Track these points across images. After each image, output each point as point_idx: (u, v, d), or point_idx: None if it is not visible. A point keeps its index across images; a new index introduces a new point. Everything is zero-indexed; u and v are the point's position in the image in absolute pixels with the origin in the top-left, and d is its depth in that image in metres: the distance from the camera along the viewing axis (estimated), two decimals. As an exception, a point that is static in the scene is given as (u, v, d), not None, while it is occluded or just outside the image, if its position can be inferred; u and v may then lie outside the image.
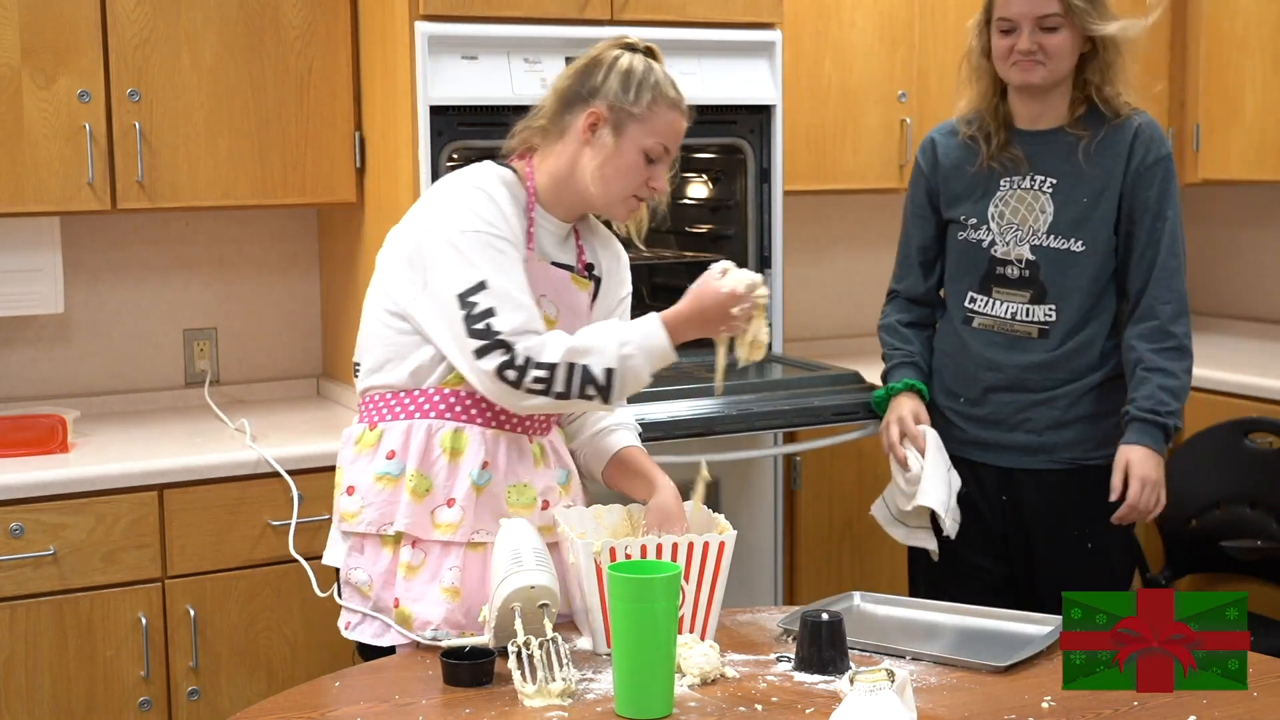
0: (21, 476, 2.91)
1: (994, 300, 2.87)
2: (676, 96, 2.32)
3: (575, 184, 2.32)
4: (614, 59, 2.31)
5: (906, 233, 3.04)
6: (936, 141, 2.97)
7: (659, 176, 2.33)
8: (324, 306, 3.77)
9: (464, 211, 2.24)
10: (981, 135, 2.87)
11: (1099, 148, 2.80)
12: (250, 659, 3.10)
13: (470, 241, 2.21)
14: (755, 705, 1.96)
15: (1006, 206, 2.84)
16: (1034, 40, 2.72)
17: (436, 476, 2.28)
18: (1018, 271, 2.83)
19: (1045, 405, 2.84)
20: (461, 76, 3.17)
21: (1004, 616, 2.35)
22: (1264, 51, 4.06)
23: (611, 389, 2.20)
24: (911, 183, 3.03)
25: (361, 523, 2.30)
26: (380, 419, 2.33)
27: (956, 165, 2.92)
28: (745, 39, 3.48)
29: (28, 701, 2.92)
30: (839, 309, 4.43)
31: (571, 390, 2.19)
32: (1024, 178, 2.83)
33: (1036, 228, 2.81)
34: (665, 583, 1.90)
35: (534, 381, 2.18)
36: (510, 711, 1.94)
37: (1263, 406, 3.74)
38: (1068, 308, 2.82)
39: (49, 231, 3.32)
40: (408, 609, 2.26)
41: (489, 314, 2.18)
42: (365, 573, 2.31)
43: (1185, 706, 1.96)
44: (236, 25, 3.28)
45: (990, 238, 2.86)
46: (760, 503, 3.53)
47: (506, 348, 2.17)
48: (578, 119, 2.30)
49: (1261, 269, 4.61)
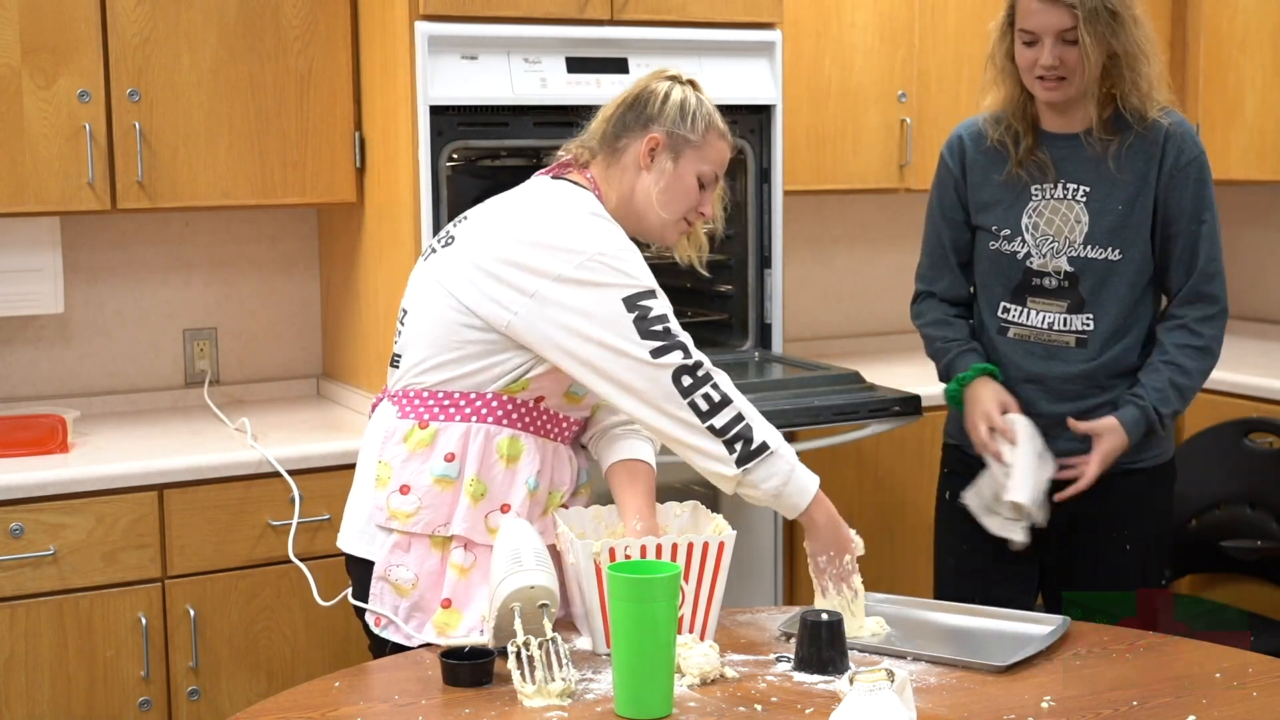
0: (21, 476, 2.90)
1: (1029, 310, 2.80)
2: (724, 127, 2.41)
3: (634, 208, 2.37)
4: (668, 90, 2.37)
5: (936, 233, 2.94)
6: (965, 143, 2.89)
7: (708, 202, 2.40)
8: (324, 306, 3.77)
9: (606, 232, 2.27)
10: (1010, 137, 2.80)
11: (1129, 153, 2.73)
12: (250, 659, 3.10)
13: (628, 258, 2.25)
14: (755, 705, 1.96)
15: (1040, 217, 2.77)
16: (1055, 54, 2.65)
17: (493, 481, 2.29)
18: (1055, 282, 2.77)
19: (1088, 414, 2.77)
20: (461, 76, 3.17)
21: (1004, 616, 2.35)
22: (1264, 51, 4.06)
23: (750, 461, 2.21)
24: (939, 182, 2.94)
25: (417, 523, 2.30)
26: (433, 418, 2.31)
27: (984, 170, 2.85)
28: (745, 39, 3.48)
29: (28, 701, 2.92)
30: (839, 309, 4.43)
31: (724, 432, 2.20)
32: (1055, 185, 2.77)
33: (1073, 239, 2.75)
34: (665, 583, 1.91)
35: (703, 398, 2.20)
36: (510, 711, 1.94)
37: (1263, 406, 3.74)
38: (1105, 316, 2.76)
39: (49, 231, 3.32)
40: (459, 611, 2.27)
41: (664, 319, 2.22)
42: (411, 571, 2.30)
43: (1185, 706, 1.96)
44: (236, 25, 3.28)
45: (1025, 249, 2.79)
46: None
47: (686, 351, 2.21)
48: (635, 144, 2.35)
49: (1261, 269, 4.61)
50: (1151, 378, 2.74)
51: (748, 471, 2.21)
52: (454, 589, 2.28)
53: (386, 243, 3.33)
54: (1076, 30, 2.63)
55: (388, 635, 2.32)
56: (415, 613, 2.30)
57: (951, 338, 2.91)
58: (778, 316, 3.61)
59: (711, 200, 2.41)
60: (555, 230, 2.26)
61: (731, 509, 3.40)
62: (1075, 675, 2.09)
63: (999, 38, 2.78)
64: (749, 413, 2.23)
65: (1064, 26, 2.64)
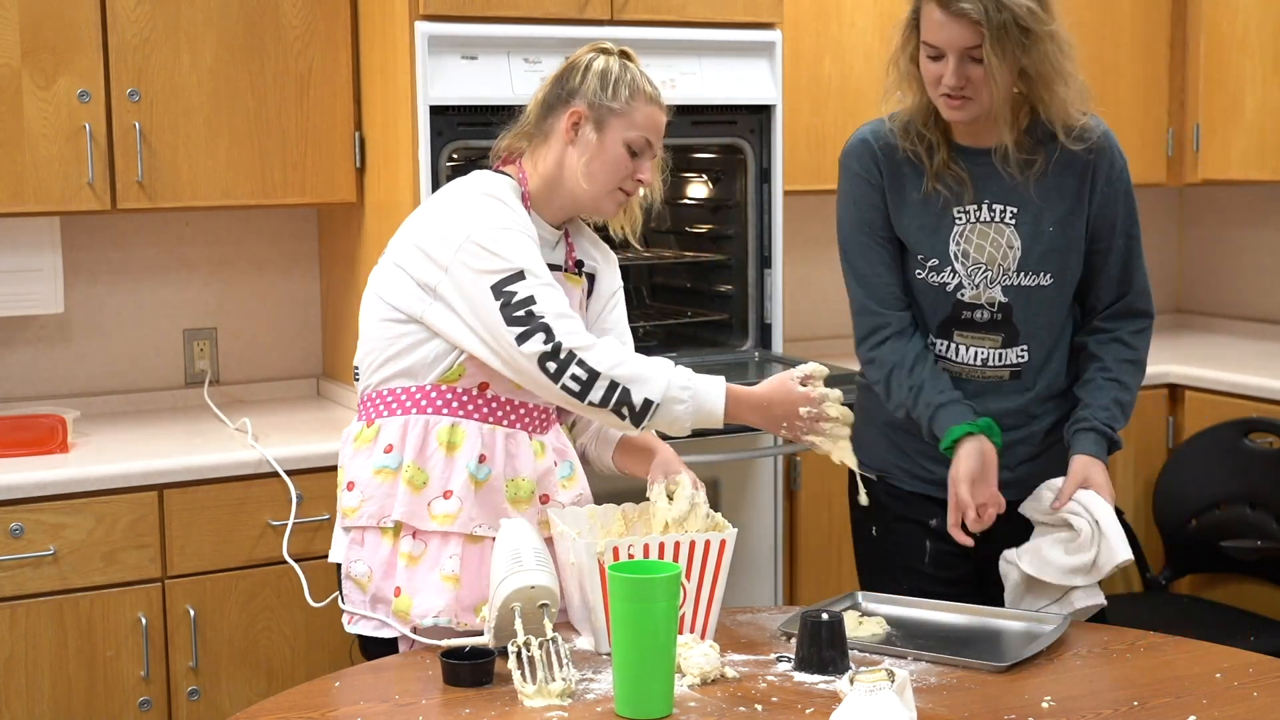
0: (21, 476, 2.90)
1: (957, 345, 2.56)
2: (654, 91, 2.38)
3: (564, 184, 2.37)
4: (589, 61, 2.38)
5: (870, 259, 2.59)
6: (878, 153, 2.56)
7: (644, 170, 2.38)
8: (324, 306, 3.77)
9: (485, 213, 2.29)
10: (923, 148, 2.52)
11: (1056, 167, 2.50)
12: (250, 659, 3.10)
13: (500, 237, 2.26)
14: (755, 705, 1.96)
15: (969, 244, 2.51)
16: (961, 74, 2.38)
17: (433, 469, 2.32)
18: (988, 315, 2.53)
19: (1021, 444, 2.58)
20: (461, 76, 3.17)
21: (1004, 616, 2.35)
22: (1264, 51, 4.06)
23: (644, 419, 2.23)
24: (858, 199, 2.59)
25: (362, 516, 2.34)
26: (378, 415, 2.37)
27: (900, 187, 2.55)
28: (745, 39, 3.48)
29: (28, 701, 2.92)
30: (839, 309, 4.39)
31: (605, 404, 2.22)
32: (979, 207, 2.51)
33: (1006, 266, 2.51)
34: (665, 583, 1.91)
35: (571, 379, 2.21)
36: (510, 711, 1.94)
37: (1263, 406, 3.74)
38: (1039, 346, 2.56)
39: (49, 231, 3.32)
40: (409, 598, 2.29)
41: (529, 301, 2.22)
42: (365, 565, 2.35)
43: (1185, 706, 1.96)
44: (236, 25, 3.28)
45: (956, 280, 2.53)
46: (760, 503, 3.53)
47: (548, 334, 2.21)
48: (560, 121, 2.36)
49: (1261, 269, 4.61)
50: (1096, 395, 2.55)
51: (648, 427, 2.25)
52: (403, 577, 2.31)
53: (386, 243, 3.32)
54: (982, 49, 2.36)
55: (359, 630, 2.37)
56: (378, 604, 2.34)
57: (940, 388, 2.53)
58: (778, 316, 3.61)
59: (649, 167, 2.39)
60: (441, 216, 2.33)
61: (732, 509, 3.41)
62: (1075, 675, 2.09)
63: (902, 41, 2.50)
64: (623, 373, 2.21)
65: (968, 44, 2.37)
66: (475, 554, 2.31)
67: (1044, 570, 2.46)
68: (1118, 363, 2.58)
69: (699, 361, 3.41)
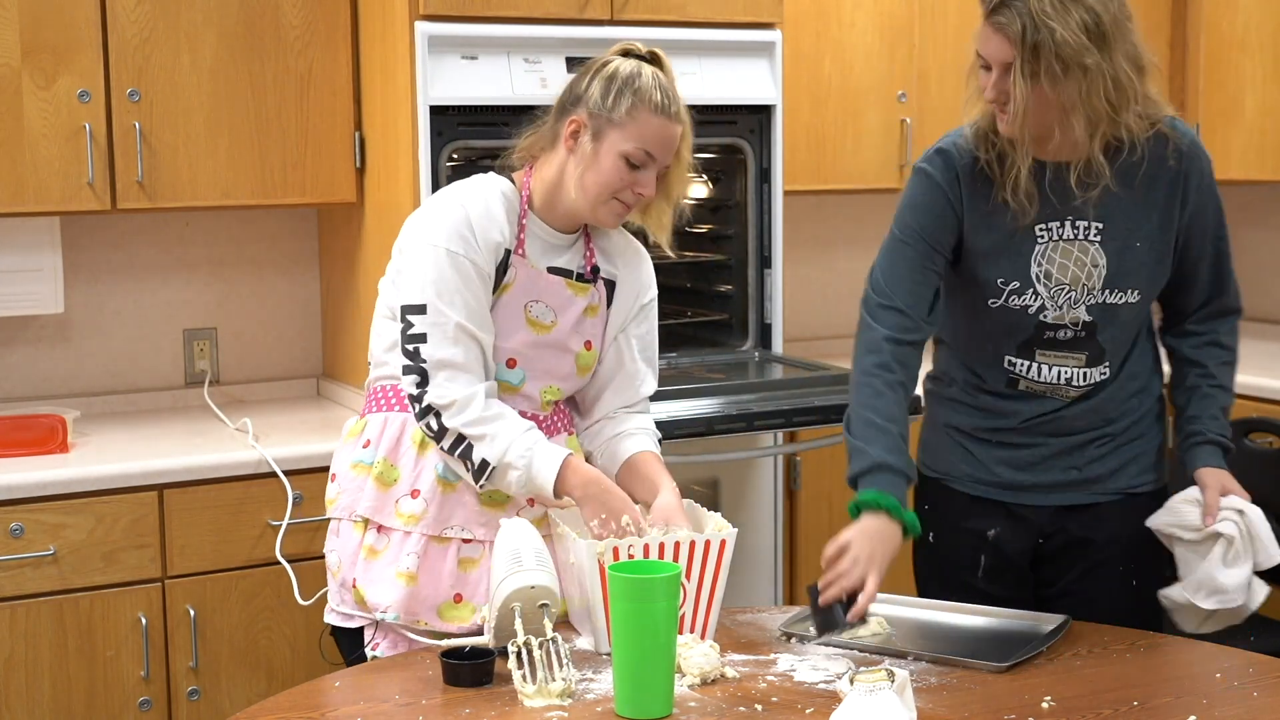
0: (21, 476, 2.91)
1: (1039, 365, 2.45)
2: (663, 102, 2.26)
3: (562, 191, 2.32)
4: (602, 65, 2.31)
5: (912, 255, 2.44)
6: (960, 171, 2.42)
7: (645, 183, 2.29)
8: (324, 306, 3.77)
9: (438, 225, 2.28)
10: (995, 156, 2.39)
11: (1143, 179, 2.38)
12: (250, 659, 3.10)
13: (432, 257, 2.26)
14: (755, 705, 1.96)
15: (1052, 265, 2.38)
16: (1000, 88, 2.29)
17: (404, 468, 2.34)
18: (1071, 334, 2.42)
19: (1094, 444, 2.50)
20: (461, 76, 3.17)
21: (1004, 616, 2.35)
22: (1264, 51, 4.06)
23: (480, 477, 2.27)
24: (928, 206, 2.44)
25: (338, 508, 2.39)
26: (368, 410, 2.42)
27: (982, 210, 2.41)
28: (745, 39, 3.48)
29: (28, 701, 2.92)
30: (839, 309, 4.43)
31: (453, 453, 2.27)
32: (1061, 224, 2.37)
33: (1091, 285, 2.39)
34: (665, 583, 1.90)
35: (426, 428, 2.28)
36: (510, 711, 1.94)
37: (1263, 406, 3.74)
38: (1118, 361, 2.47)
39: (49, 231, 3.32)
40: (362, 590, 2.33)
41: (420, 339, 2.26)
42: (337, 555, 2.39)
43: (1185, 706, 1.96)
44: (236, 25, 3.28)
45: (1039, 302, 2.40)
46: (760, 503, 3.53)
47: (422, 378, 2.25)
48: (564, 127, 2.31)
49: (1261, 269, 4.61)
50: (1205, 406, 2.51)
51: (485, 485, 2.27)
52: (360, 568, 2.34)
53: (386, 243, 3.30)
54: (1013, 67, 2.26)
55: (327, 619, 2.41)
56: (344, 592, 2.37)
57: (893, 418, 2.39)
58: (778, 316, 3.61)
59: (650, 179, 2.29)
60: (415, 219, 2.36)
61: (732, 509, 3.41)
62: (1075, 675, 2.09)
63: None
64: (473, 430, 2.24)
65: (1005, 58, 2.27)
66: (439, 555, 2.32)
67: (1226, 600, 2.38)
68: (1219, 366, 2.55)
69: (699, 361, 3.42)
